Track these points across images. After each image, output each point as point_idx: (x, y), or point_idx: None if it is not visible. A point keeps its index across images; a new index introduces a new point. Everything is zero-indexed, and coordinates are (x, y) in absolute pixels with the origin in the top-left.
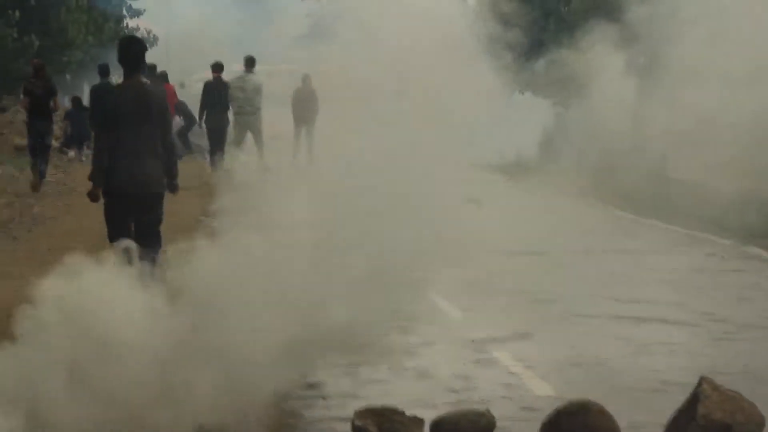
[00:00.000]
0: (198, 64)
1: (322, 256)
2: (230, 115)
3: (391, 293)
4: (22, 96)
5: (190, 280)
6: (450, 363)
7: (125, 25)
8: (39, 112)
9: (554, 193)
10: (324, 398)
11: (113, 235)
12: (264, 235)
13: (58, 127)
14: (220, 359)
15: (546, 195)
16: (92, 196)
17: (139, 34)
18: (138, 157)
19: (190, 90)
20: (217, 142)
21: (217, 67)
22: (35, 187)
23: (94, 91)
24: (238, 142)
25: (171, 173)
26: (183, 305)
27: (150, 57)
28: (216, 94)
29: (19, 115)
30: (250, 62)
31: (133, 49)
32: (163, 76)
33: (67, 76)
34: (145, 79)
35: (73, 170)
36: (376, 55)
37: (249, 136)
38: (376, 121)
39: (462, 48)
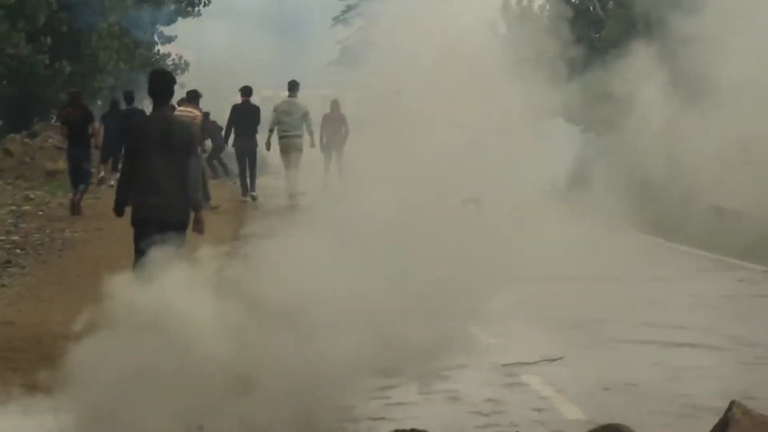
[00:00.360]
0: (230, 90)
1: (356, 279)
2: (258, 138)
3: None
4: (59, 124)
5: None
6: (480, 387)
7: (157, 51)
8: (77, 140)
9: (585, 219)
10: (354, 421)
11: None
12: (294, 260)
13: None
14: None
15: (576, 221)
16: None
17: (170, 61)
18: (162, 187)
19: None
20: (248, 167)
21: (246, 91)
22: (74, 211)
23: (122, 118)
24: (286, 162)
25: (196, 206)
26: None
27: (182, 83)
28: (244, 118)
29: (50, 140)
30: (293, 86)
31: (162, 82)
32: (195, 95)
33: (99, 102)
34: (179, 108)
35: (105, 195)
36: (410, 81)
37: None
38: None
39: (492, 74)
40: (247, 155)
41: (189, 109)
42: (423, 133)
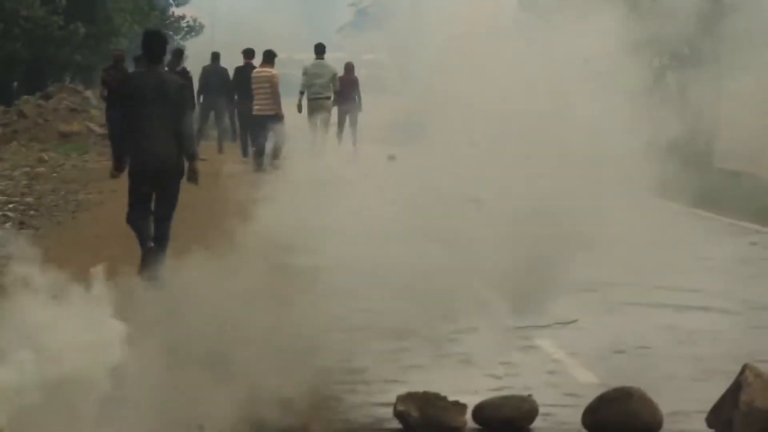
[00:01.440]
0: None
1: (373, 243)
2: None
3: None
4: (101, 86)
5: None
6: (493, 350)
7: (171, 13)
8: (117, 102)
9: (599, 183)
10: (366, 383)
11: (131, 213)
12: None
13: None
14: (265, 341)
15: (591, 185)
16: (115, 171)
17: (184, 23)
18: (156, 139)
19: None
20: (257, 131)
21: (249, 53)
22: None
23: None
24: (313, 125)
25: (190, 156)
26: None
27: (195, 45)
28: (248, 80)
29: (64, 102)
30: (320, 49)
31: (154, 43)
32: (270, 55)
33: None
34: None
35: None
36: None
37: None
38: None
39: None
40: (254, 118)
41: (266, 69)
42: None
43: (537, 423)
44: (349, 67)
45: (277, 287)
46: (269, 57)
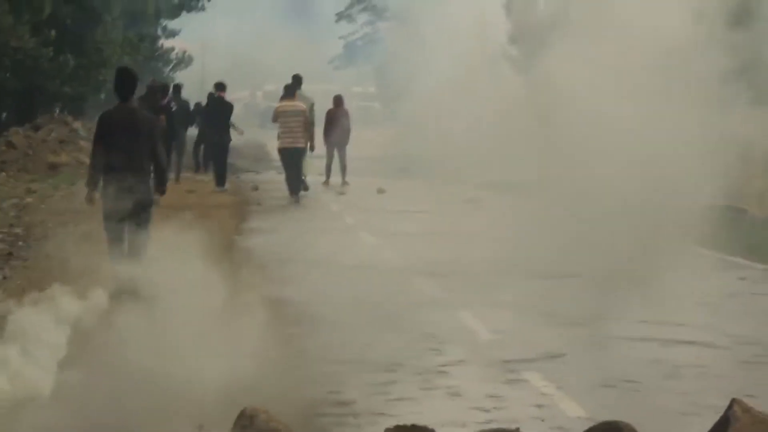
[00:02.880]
0: (233, 84)
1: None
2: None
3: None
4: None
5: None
6: (481, 383)
7: (160, 45)
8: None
9: (585, 218)
10: (355, 416)
11: (111, 253)
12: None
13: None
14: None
15: (577, 218)
16: (88, 201)
17: (174, 55)
18: (130, 170)
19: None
20: (221, 160)
21: (220, 87)
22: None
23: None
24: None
25: (161, 180)
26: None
27: (186, 77)
28: (219, 112)
29: (53, 133)
30: (291, 85)
31: (125, 80)
32: (162, 89)
33: (102, 96)
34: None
35: None
36: None
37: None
38: None
39: None
40: (220, 147)
41: (292, 102)
42: None
43: None
44: (338, 100)
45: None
46: (293, 89)
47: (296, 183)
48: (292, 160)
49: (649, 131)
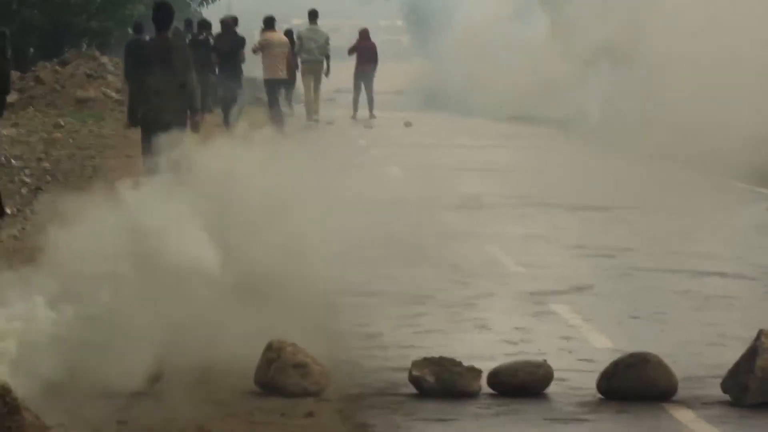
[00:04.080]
0: (259, 18)
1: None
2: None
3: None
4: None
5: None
6: (508, 315)
7: None
8: (227, 67)
9: (614, 150)
10: (383, 348)
11: (144, 157)
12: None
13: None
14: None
15: (606, 152)
16: (128, 125)
17: None
18: (164, 96)
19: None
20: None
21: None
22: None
23: (128, 46)
24: (307, 87)
25: (193, 109)
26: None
27: (212, 12)
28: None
29: (81, 68)
30: (313, 15)
31: (161, 13)
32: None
33: (130, 30)
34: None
35: None
36: None
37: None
38: None
39: None
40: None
41: (272, 34)
42: None
43: (552, 388)
44: (364, 34)
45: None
46: (272, 22)
47: (277, 115)
48: (274, 90)
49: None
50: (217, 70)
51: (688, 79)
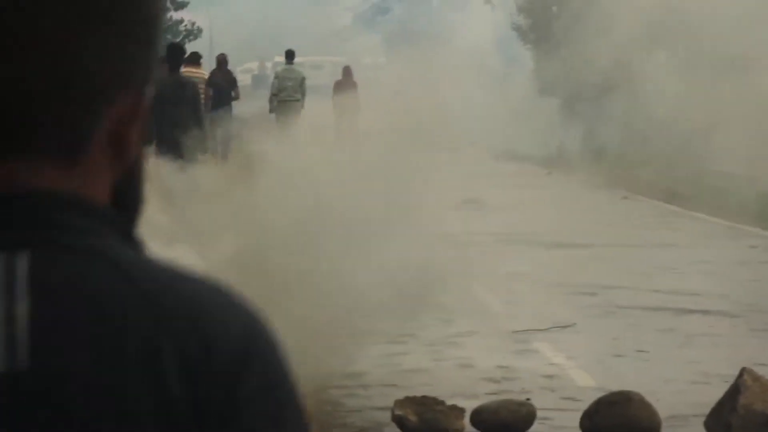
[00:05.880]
0: (241, 55)
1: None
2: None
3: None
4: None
5: None
6: (491, 354)
7: (169, 17)
8: (219, 102)
9: (596, 186)
10: (365, 387)
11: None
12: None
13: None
14: None
15: (587, 187)
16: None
17: (183, 27)
18: (174, 130)
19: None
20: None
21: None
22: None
23: None
24: (282, 125)
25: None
26: None
27: (193, 48)
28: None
29: None
30: (290, 55)
31: (175, 53)
32: (196, 57)
33: None
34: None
35: None
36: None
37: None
38: None
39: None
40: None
41: (195, 70)
42: None
43: (535, 427)
44: (347, 71)
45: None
46: (196, 59)
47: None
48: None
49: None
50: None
51: (668, 113)
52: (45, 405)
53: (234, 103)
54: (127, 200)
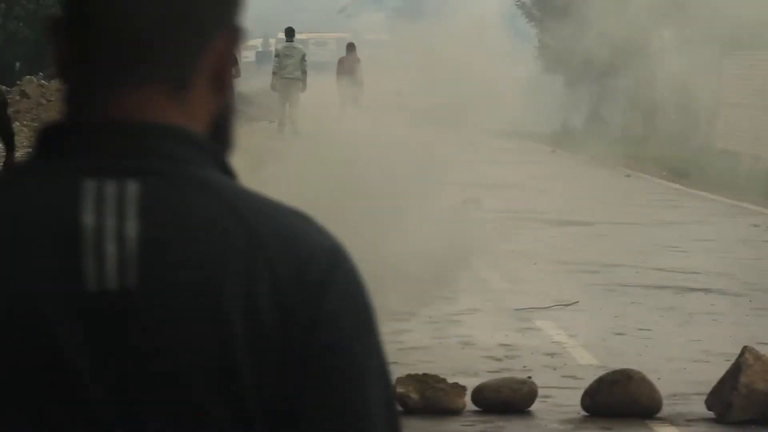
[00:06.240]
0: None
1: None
2: None
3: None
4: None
5: None
6: (493, 331)
7: None
8: None
9: (600, 163)
10: None
11: None
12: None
13: None
14: None
15: (591, 165)
16: None
17: None
18: None
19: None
20: None
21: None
22: None
23: None
24: (282, 104)
25: None
26: None
27: None
28: None
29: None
30: (290, 33)
31: None
32: None
33: None
34: None
35: None
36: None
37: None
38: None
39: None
40: None
41: None
42: None
43: (536, 405)
44: (350, 48)
45: None
46: None
47: None
48: None
49: None
50: None
51: (672, 91)
52: (153, 321)
53: (236, 81)
54: (222, 134)
